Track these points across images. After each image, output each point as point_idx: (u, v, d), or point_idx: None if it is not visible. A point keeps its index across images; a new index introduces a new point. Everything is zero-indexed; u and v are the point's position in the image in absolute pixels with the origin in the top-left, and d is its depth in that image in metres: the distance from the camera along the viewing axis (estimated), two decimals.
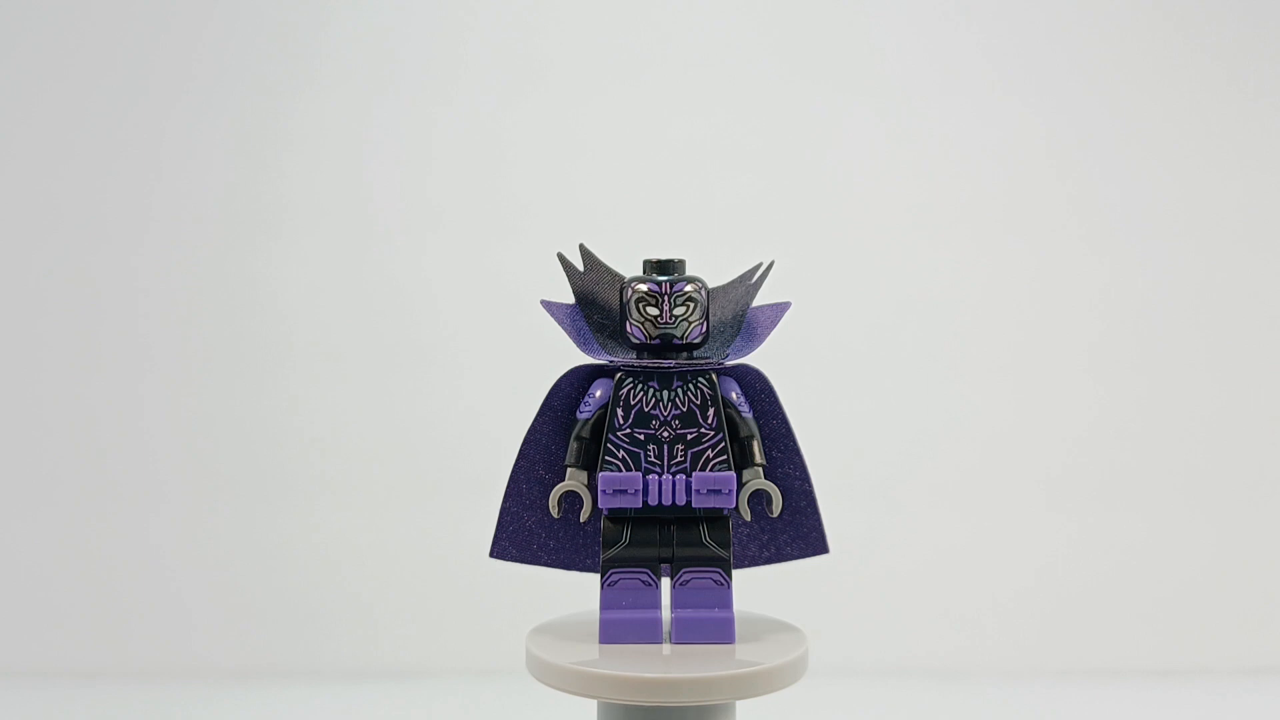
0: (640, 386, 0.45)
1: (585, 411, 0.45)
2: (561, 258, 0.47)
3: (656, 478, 0.44)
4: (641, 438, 0.44)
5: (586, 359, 0.46)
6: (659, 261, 0.45)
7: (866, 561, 0.87)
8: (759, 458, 0.45)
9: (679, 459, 0.44)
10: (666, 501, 0.44)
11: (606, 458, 0.44)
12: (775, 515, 0.46)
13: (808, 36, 0.91)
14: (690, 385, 0.45)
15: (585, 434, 0.45)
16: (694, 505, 0.44)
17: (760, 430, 0.46)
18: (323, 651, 0.86)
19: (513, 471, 0.47)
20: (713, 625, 0.44)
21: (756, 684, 0.41)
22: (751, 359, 0.46)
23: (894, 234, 0.90)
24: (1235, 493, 0.90)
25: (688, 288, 0.44)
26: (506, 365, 0.86)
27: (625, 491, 0.44)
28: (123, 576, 0.87)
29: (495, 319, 0.88)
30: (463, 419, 0.88)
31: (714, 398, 0.45)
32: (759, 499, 0.46)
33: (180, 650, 0.86)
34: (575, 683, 0.41)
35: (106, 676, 0.84)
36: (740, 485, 0.45)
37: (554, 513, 0.45)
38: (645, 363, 0.44)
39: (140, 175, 0.89)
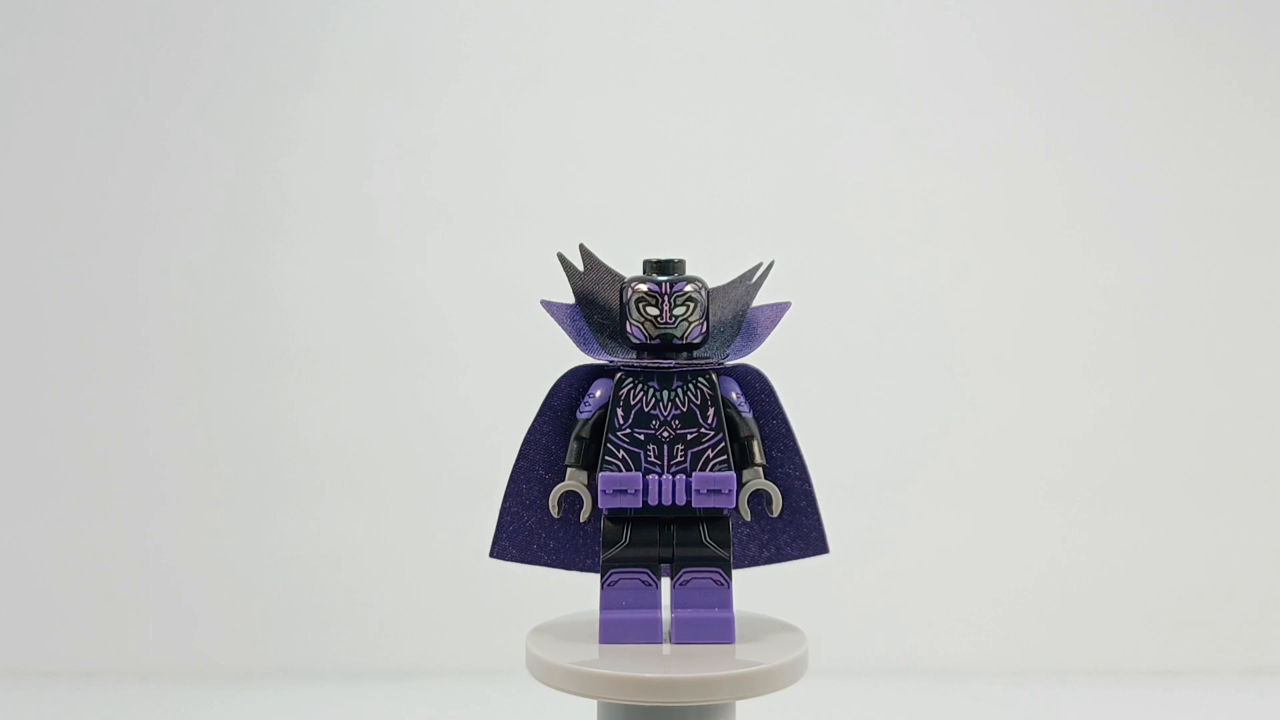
0: (640, 386, 0.45)
1: (585, 411, 0.45)
2: (561, 258, 0.47)
3: (656, 478, 0.44)
4: (641, 438, 0.44)
5: (586, 359, 0.46)
6: (659, 261, 0.45)
7: (866, 561, 0.87)
8: (759, 458, 0.45)
9: (679, 459, 0.44)
10: (666, 501, 0.44)
11: (606, 458, 0.44)
12: (775, 515, 0.46)
13: (808, 36, 0.91)
14: (690, 385, 0.45)
15: (585, 434, 0.45)
16: (694, 505, 0.44)
17: (760, 430, 0.46)
18: (323, 651, 0.86)
19: (513, 471, 0.46)
20: (713, 625, 0.44)
21: (756, 684, 0.41)
22: (751, 359, 0.46)
23: (894, 234, 0.90)
24: (1235, 493, 0.90)
25: (688, 288, 0.44)
26: (506, 365, 0.86)
27: (625, 491, 0.44)
28: (123, 576, 0.87)
29: (495, 319, 0.88)
30: (463, 419, 0.88)
31: (714, 398, 0.45)
32: (759, 499, 0.46)
33: (180, 650, 0.86)
34: (575, 683, 0.41)
35: (106, 676, 0.84)
36: (740, 485, 0.45)
37: (554, 513, 0.45)
38: (645, 363, 0.44)
39: (140, 175, 0.89)
